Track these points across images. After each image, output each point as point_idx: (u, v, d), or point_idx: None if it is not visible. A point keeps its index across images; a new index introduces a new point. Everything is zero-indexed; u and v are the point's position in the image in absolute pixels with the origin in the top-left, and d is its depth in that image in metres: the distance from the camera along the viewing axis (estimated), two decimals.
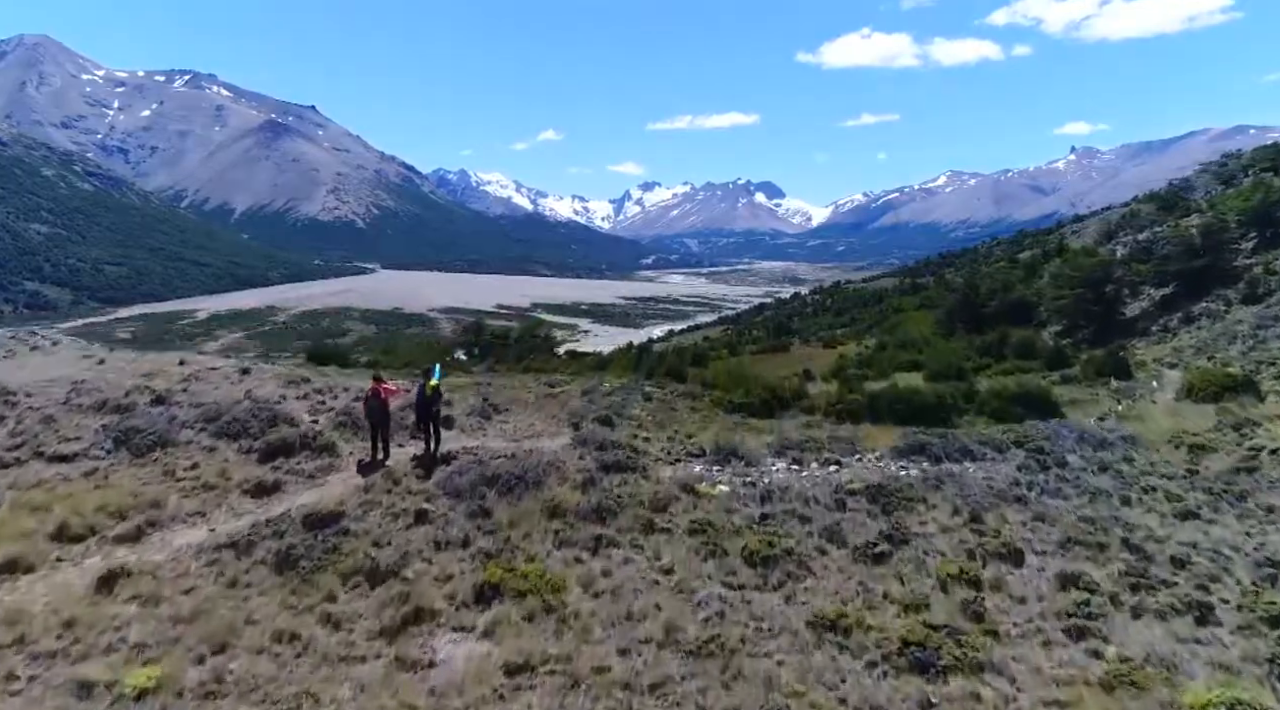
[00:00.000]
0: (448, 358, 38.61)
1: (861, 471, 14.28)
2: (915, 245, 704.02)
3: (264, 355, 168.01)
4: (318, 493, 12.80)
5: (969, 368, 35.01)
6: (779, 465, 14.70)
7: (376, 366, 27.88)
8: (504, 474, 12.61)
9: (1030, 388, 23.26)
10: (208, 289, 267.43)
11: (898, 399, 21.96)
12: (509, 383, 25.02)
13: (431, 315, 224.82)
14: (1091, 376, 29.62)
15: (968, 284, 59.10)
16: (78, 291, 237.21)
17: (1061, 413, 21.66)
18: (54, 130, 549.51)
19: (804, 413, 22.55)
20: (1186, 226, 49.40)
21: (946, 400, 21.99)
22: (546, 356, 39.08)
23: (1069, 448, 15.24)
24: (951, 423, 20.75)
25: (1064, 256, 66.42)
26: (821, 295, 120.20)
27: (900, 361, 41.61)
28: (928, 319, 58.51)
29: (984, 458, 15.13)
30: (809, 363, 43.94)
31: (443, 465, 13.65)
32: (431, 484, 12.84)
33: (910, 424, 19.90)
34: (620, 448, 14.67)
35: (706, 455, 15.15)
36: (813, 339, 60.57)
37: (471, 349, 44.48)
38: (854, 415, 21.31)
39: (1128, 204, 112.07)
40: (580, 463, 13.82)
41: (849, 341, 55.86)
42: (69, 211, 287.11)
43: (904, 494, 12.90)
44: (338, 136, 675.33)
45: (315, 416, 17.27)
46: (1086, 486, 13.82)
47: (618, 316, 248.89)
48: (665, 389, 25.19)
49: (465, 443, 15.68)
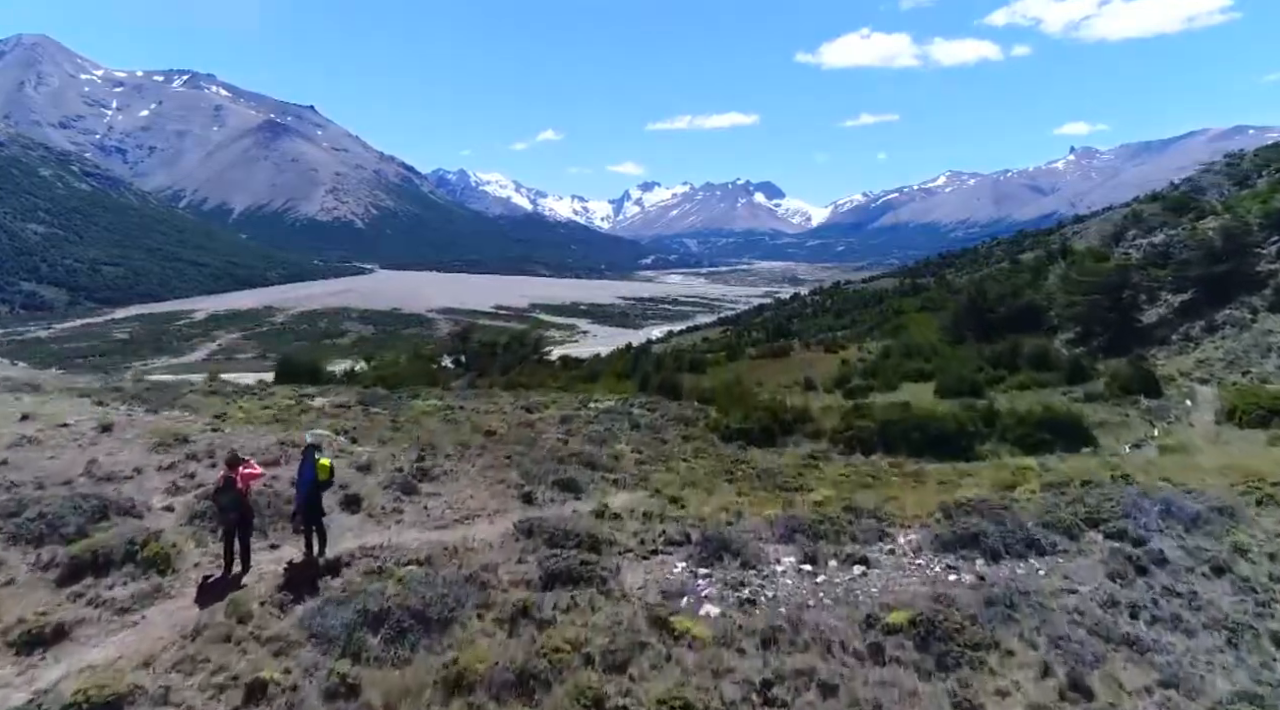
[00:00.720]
0: (434, 365, 36.62)
1: (897, 577, 10.69)
2: (915, 245, 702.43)
3: (261, 355, 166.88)
4: (118, 644, 8.67)
5: (982, 381, 33.42)
6: (786, 563, 11.06)
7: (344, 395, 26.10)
8: (395, 610, 8.80)
9: (1059, 412, 21.56)
10: (206, 289, 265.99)
11: (913, 426, 20.35)
12: (483, 405, 23.28)
13: (430, 316, 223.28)
14: (1117, 393, 27.96)
15: (975, 288, 57.38)
16: (74, 292, 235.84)
17: (1094, 439, 19.99)
18: (52, 130, 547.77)
19: (808, 438, 20.98)
20: (1204, 229, 47.87)
21: (966, 426, 20.35)
22: (535, 366, 37.04)
23: (1154, 525, 11.84)
24: (973, 452, 19.15)
25: (1071, 258, 64.65)
26: (821, 296, 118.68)
27: (907, 371, 40.16)
28: (932, 323, 56.90)
29: (1054, 550, 11.44)
30: (810, 369, 42.41)
31: (328, 577, 10.09)
32: (293, 622, 8.93)
33: (927, 454, 18.33)
34: (578, 540, 11.14)
35: (691, 544, 11.56)
36: (813, 342, 58.87)
37: (459, 357, 42.50)
38: (865, 444, 19.80)
39: (1129, 204, 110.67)
40: (519, 568, 10.38)
41: (850, 345, 54.31)
42: (66, 211, 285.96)
43: (965, 634, 8.95)
44: (337, 136, 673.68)
45: (171, 500, 12.72)
46: (1211, 606, 10.07)
47: (616, 317, 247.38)
48: (656, 411, 23.55)
49: (369, 537, 11.73)
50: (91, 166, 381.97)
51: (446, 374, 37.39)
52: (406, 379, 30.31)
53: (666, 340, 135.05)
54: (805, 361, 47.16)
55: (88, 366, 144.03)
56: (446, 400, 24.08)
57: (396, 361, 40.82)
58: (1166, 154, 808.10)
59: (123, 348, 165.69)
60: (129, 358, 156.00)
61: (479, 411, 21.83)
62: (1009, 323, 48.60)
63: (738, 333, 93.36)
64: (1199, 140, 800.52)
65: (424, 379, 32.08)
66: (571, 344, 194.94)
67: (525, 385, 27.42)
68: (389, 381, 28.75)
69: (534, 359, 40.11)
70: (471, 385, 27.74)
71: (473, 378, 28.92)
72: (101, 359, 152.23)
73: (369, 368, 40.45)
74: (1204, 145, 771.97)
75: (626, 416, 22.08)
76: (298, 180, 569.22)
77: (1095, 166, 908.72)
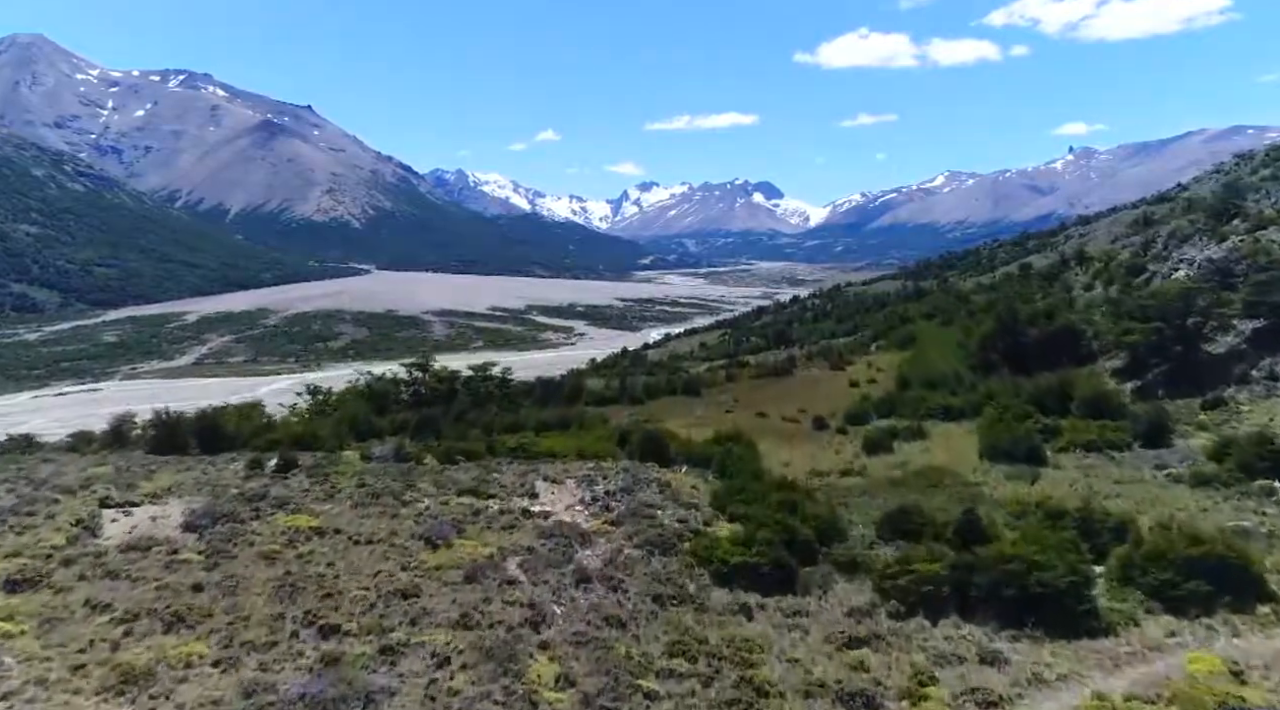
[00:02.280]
0: (369, 417, 30.39)
1: None
2: (913, 245, 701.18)
3: (253, 359, 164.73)
4: None
5: (1039, 441, 27.14)
6: None
7: None
8: None
9: (1211, 545, 14.57)
10: (199, 290, 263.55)
11: (1005, 577, 13.53)
12: (376, 521, 16.57)
13: (425, 318, 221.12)
14: (1238, 476, 21.66)
15: (1006, 308, 50.70)
16: (66, 294, 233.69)
17: (1270, 590, 14.28)
18: (47, 130, 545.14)
19: (841, 571, 14.97)
20: (1269, 241, 43.31)
21: (1080, 576, 13.74)
22: (496, 412, 31.44)
23: None
24: (1095, 617, 13.28)
25: (1097, 269, 61.21)
26: (821, 299, 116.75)
27: (932, 406, 35.45)
28: (948, 339, 53.19)
29: None
30: (817, 393, 39.96)
31: None
32: None
33: (1020, 624, 12.92)
34: None
35: None
36: (814, 351, 56.44)
37: (416, 390, 36.99)
38: (933, 605, 13.56)
39: (1136, 206, 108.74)
40: None
41: (857, 357, 52.03)
42: (58, 212, 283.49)
43: None
44: (334, 136, 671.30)
45: None
46: None
47: (614, 319, 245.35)
48: (622, 527, 16.52)
49: None
50: (85, 166, 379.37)
51: (399, 409, 32.91)
52: (333, 434, 24.40)
53: (664, 343, 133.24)
54: (809, 383, 44.85)
55: (73, 371, 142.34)
56: (323, 517, 16.91)
57: (342, 402, 36.02)
58: (1165, 154, 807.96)
59: (111, 351, 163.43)
60: (116, 361, 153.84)
61: (357, 540, 15.52)
62: (1043, 349, 42.81)
63: (736, 338, 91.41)
64: (1196, 140, 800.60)
65: (360, 428, 26.63)
66: (568, 347, 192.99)
67: (469, 456, 21.54)
68: (310, 438, 23.10)
69: (495, 406, 34.41)
70: (399, 453, 21.68)
71: (399, 442, 23.26)
72: (89, 363, 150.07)
73: (302, 414, 34.90)
74: (1201, 145, 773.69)
75: (567, 592, 13.76)
76: (294, 180, 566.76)
77: (1094, 166, 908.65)
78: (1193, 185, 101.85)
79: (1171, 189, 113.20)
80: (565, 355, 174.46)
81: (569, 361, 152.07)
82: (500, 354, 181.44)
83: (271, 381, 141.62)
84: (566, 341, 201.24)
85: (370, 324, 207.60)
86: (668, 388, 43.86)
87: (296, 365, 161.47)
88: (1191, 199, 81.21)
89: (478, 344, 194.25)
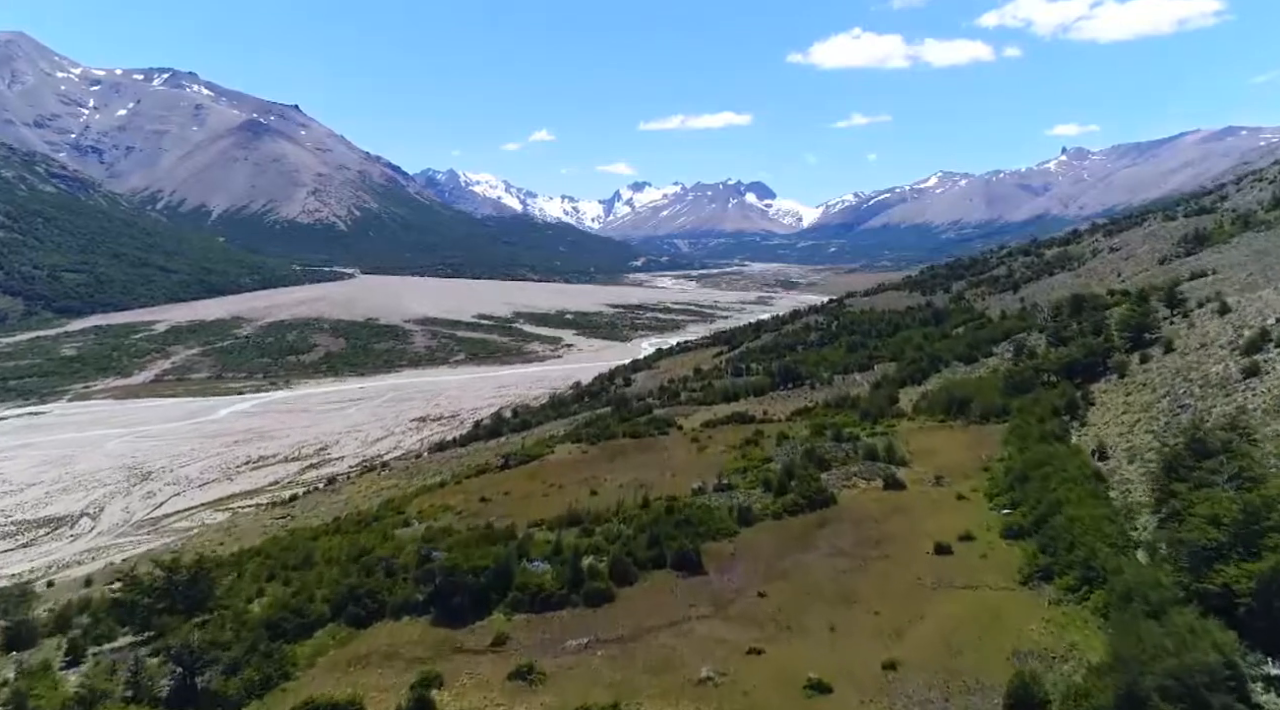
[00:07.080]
0: None
1: None
2: (907, 246, 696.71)
3: (218, 375, 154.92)
4: None
5: None
6: None
7: None
8: None
9: None
10: (173, 297, 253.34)
11: None
12: None
13: (407, 327, 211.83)
14: None
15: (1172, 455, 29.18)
16: (31, 301, 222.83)
17: None
18: (26, 129, 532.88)
19: None
20: None
21: None
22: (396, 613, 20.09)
23: None
24: None
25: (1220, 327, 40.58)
26: (826, 317, 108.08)
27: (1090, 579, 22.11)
28: (1029, 416, 39.30)
29: None
30: (890, 551, 27.58)
31: None
32: None
33: None
34: None
35: None
36: (850, 453, 40.55)
37: None
38: None
39: (1171, 215, 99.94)
40: None
41: (908, 445, 40.68)
42: (27, 215, 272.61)
43: None
44: (320, 136, 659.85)
45: None
46: None
47: (604, 327, 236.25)
48: None
49: None
50: (59, 167, 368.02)
51: None
52: None
53: (657, 358, 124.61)
54: (859, 517, 29.63)
55: (20, 391, 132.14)
56: None
57: None
58: (1158, 155, 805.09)
59: (66, 366, 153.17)
60: (70, 379, 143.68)
61: None
62: None
63: (735, 366, 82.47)
64: (1189, 141, 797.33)
65: None
66: (554, 360, 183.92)
67: None
68: None
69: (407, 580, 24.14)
70: None
71: None
72: (38, 381, 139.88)
73: None
74: (1194, 146, 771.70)
75: None
76: (279, 181, 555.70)
77: (1087, 167, 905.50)
78: (1232, 193, 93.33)
79: (1197, 193, 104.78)
80: (551, 369, 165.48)
81: (554, 378, 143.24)
82: (482, 369, 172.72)
83: (232, 403, 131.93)
84: (553, 354, 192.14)
85: (349, 334, 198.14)
86: (656, 562, 27.55)
87: (264, 381, 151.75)
88: (1241, 213, 72.46)
89: (459, 357, 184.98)
